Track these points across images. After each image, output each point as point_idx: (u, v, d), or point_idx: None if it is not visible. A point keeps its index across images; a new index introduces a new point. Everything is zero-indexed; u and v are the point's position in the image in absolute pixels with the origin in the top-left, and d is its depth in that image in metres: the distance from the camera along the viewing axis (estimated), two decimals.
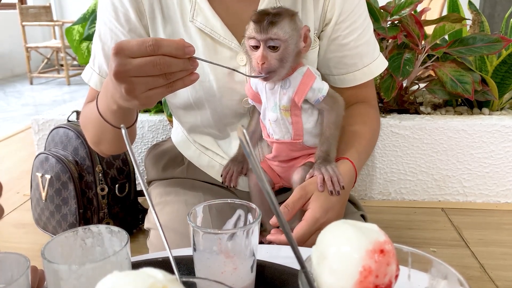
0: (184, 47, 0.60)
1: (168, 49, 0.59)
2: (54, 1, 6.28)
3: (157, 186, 0.98)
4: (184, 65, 0.62)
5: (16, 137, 3.09)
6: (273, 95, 0.76)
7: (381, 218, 1.81)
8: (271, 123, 0.79)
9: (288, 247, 0.63)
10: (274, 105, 0.76)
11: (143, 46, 0.59)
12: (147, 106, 0.67)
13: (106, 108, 0.75)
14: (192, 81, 0.64)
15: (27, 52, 5.31)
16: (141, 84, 0.62)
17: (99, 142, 0.86)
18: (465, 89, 1.77)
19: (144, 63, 0.60)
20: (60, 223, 1.58)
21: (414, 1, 1.81)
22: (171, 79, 0.62)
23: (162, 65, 0.60)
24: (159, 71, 0.60)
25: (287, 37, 0.71)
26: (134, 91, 0.62)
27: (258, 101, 0.80)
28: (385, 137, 1.89)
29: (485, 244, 1.60)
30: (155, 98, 0.65)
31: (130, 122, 0.81)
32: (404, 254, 0.40)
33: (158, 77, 0.61)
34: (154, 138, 1.96)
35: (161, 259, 0.57)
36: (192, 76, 0.64)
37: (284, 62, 0.72)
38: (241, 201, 0.54)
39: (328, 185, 0.73)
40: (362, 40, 0.86)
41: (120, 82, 0.62)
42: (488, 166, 1.87)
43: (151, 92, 0.63)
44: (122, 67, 0.60)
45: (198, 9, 0.80)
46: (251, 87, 0.80)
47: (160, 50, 0.59)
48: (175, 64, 0.61)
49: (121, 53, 0.60)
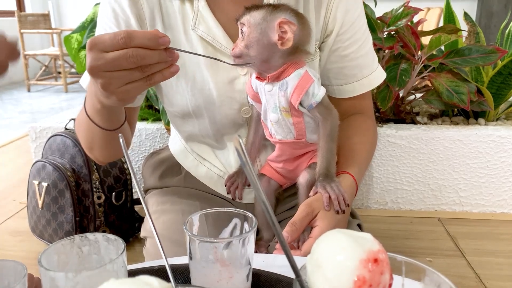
0: (157, 38, 0.58)
1: (140, 40, 0.58)
2: (53, 9, 6.31)
3: (154, 194, 0.98)
4: (160, 57, 0.60)
5: (13, 145, 3.09)
6: (272, 96, 0.76)
7: (378, 227, 1.81)
8: (273, 124, 0.78)
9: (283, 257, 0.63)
10: (274, 106, 0.76)
11: (115, 39, 0.58)
12: (126, 101, 0.66)
13: (92, 108, 0.75)
14: (172, 74, 0.62)
15: (25, 60, 5.31)
16: (116, 79, 0.60)
17: (91, 147, 0.86)
18: (461, 99, 1.78)
19: (117, 56, 0.58)
20: (57, 231, 1.58)
21: (410, 12, 1.83)
22: (148, 72, 0.60)
23: (135, 57, 0.58)
24: (133, 64, 0.59)
25: (252, 23, 0.71)
26: (110, 86, 0.61)
27: (258, 101, 0.80)
28: (381, 147, 1.89)
29: (481, 254, 1.60)
30: (134, 93, 0.63)
31: (117, 122, 0.79)
32: (398, 263, 0.40)
33: (134, 71, 0.60)
34: (151, 146, 1.97)
35: (157, 268, 0.57)
36: (172, 68, 0.62)
37: (249, 49, 0.71)
38: (237, 210, 0.55)
39: (335, 205, 0.73)
40: (362, 52, 0.88)
41: (95, 78, 0.61)
42: (484, 176, 1.88)
43: (129, 86, 0.61)
44: (96, 61, 0.59)
45: (200, 18, 0.81)
46: (251, 87, 0.79)
47: (132, 42, 0.58)
48: (149, 56, 0.59)
49: (94, 48, 0.59)
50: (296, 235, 0.70)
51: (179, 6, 0.81)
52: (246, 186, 0.89)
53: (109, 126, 0.78)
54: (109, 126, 0.78)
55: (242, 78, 0.82)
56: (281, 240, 0.37)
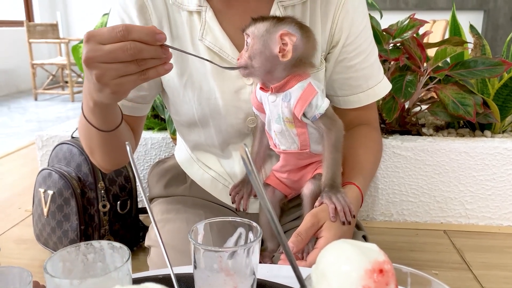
0: (154, 34, 0.60)
1: (138, 34, 0.59)
2: (61, 19, 6.38)
3: (159, 203, 0.98)
4: (156, 53, 0.61)
5: (19, 153, 3.10)
6: (276, 107, 0.76)
7: (383, 239, 1.80)
8: (277, 134, 0.78)
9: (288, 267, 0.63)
10: (278, 117, 0.76)
11: (114, 32, 0.59)
12: (119, 95, 0.66)
13: (87, 108, 0.75)
14: (166, 71, 0.64)
15: (32, 69, 5.37)
16: (111, 70, 0.61)
17: (91, 151, 0.86)
18: (467, 111, 1.78)
19: (114, 48, 0.59)
20: (61, 239, 1.58)
21: (416, 24, 1.83)
22: (144, 66, 0.62)
23: (132, 50, 0.59)
24: (130, 56, 0.60)
25: (256, 34, 0.72)
26: (105, 78, 0.62)
27: (262, 111, 0.80)
28: (387, 158, 1.89)
29: (488, 268, 1.58)
30: (128, 86, 0.64)
31: (112, 123, 0.79)
32: (404, 274, 0.40)
33: (130, 64, 0.61)
34: (157, 155, 1.97)
35: (161, 276, 0.57)
36: (166, 65, 0.63)
37: (252, 60, 0.72)
38: (242, 220, 0.55)
39: (341, 216, 0.73)
40: (368, 63, 0.88)
41: (90, 69, 0.62)
42: (491, 188, 1.87)
43: (123, 79, 0.62)
44: (92, 53, 0.60)
45: (207, 29, 0.82)
46: (255, 97, 0.80)
47: (130, 35, 0.59)
48: (146, 50, 0.60)
49: (92, 40, 0.60)
50: (301, 245, 0.70)
51: (187, 17, 0.82)
52: (251, 196, 0.89)
53: (105, 126, 0.77)
54: (105, 126, 0.77)
55: (248, 88, 0.83)
56: (286, 250, 0.37)
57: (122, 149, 0.84)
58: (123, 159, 0.90)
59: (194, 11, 0.82)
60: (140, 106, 0.88)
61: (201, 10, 0.81)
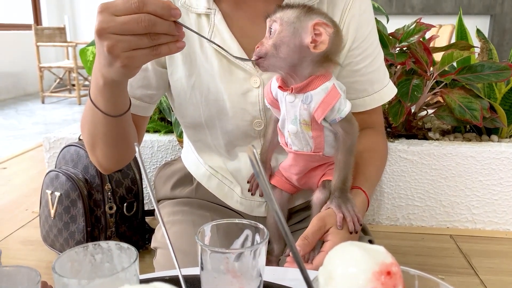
0: (170, 8, 0.59)
1: (153, 7, 0.58)
2: (68, 23, 6.43)
3: (165, 205, 0.99)
4: (170, 28, 0.60)
5: (27, 155, 3.12)
6: (293, 108, 0.72)
7: (389, 243, 1.79)
8: (290, 135, 0.76)
9: (294, 270, 0.63)
10: (294, 118, 0.73)
11: (128, 3, 0.58)
12: (130, 70, 0.65)
13: (95, 88, 0.73)
14: (178, 49, 0.63)
15: (40, 72, 5.40)
16: (124, 42, 0.60)
17: (94, 143, 0.82)
18: (474, 115, 1.77)
19: (128, 20, 0.58)
20: (68, 240, 1.58)
21: (422, 28, 1.83)
22: (156, 42, 0.60)
23: (146, 22, 0.58)
24: (143, 29, 0.59)
25: (285, 20, 0.67)
26: (116, 49, 0.60)
27: (276, 106, 0.77)
28: (393, 162, 1.88)
29: (495, 273, 1.57)
30: (139, 60, 0.63)
31: (121, 106, 0.76)
32: (411, 277, 0.40)
33: (143, 37, 0.60)
34: (163, 158, 1.98)
35: (168, 278, 0.57)
36: (179, 43, 0.62)
37: (277, 49, 0.68)
38: (248, 221, 0.55)
39: (350, 227, 0.72)
40: (373, 67, 0.88)
41: (102, 40, 0.60)
42: (498, 193, 1.86)
43: (135, 52, 0.61)
44: (105, 23, 0.59)
45: (216, 31, 0.82)
46: (270, 92, 0.76)
47: (145, 7, 0.58)
48: (160, 24, 0.59)
49: (106, 11, 0.59)
50: (308, 248, 0.70)
51: (195, 19, 0.83)
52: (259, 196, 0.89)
53: (112, 110, 0.74)
54: (112, 110, 0.74)
55: (255, 91, 0.83)
56: (294, 251, 0.37)
57: (125, 143, 0.82)
58: (125, 157, 0.88)
59: (202, 13, 0.82)
60: (146, 105, 0.88)
61: (210, 13, 0.82)
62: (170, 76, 0.85)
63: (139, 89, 0.85)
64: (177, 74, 0.85)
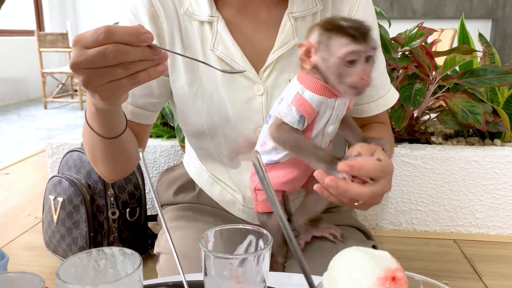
0: (138, 34, 0.55)
1: (121, 35, 0.55)
2: (71, 28, 6.45)
3: (168, 210, 0.98)
4: (144, 54, 0.57)
5: (30, 160, 3.13)
6: (338, 108, 0.76)
7: (392, 248, 1.79)
8: (326, 136, 0.77)
9: (298, 275, 0.63)
10: (336, 117, 0.76)
11: (96, 34, 0.55)
12: (112, 101, 0.63)
13: (89, 113, 0.73)
14: (159, 73, 0.59)
15: (42, 77, 5.42)
16: (97, 76, 0.57)
17: (94, 159, 0.84)
18: (477, 119, 1.77)
19: (96, 52, 0.55)
20: (71, 246, 1.58)
21: (424, 33, 1.83)
22: (132, 70, 0.57)
23: (114, 53, 0.55)
24: (113, 60, 0.55)
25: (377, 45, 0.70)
26: (92, 84, 0.58)
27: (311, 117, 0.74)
28: (396, 166, 1.88)
29: (500, 278, 1.57)
30: (118, 92, 0.61)
31: (115, 130, 0.75)
32: (416, 282, 0.40)
33: (116, 68, 0.56)
34: (165, 163, 1.98)
35: (171, 284, 0.57)
36: (159, 67, 0.59)
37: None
38: (252, 227, 0.55)
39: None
40: (377, 73, 0.88)
41: (78, 75, 0.58)
42: (501, 197, 1.85)
43: (111, 84, 0.58)
44: (77, 58, 0.56)
45: (219, 39, 0.82)
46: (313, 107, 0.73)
47: (112, 37, 0.55)
48: (131, 52, 0.56)
49: (77, 44, 0.57)
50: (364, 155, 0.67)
51: (197, 27, 0.83)
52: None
53: (107, 133, 0.75)
54: (107, 133, 0.75)
55: (258, 99, 0.83)
56: (298, 257, 0.37)
57: (125, 158, 0.84)
58: (126, 169, 0.89)
59: (205, 21, 0.82)
60: (149, 114, 0.88)
61: (213, 20, 0.82)
62: (172, 84, 0.85)
63: (142, 97, 0.85)
64: (179, 82, 0.84)
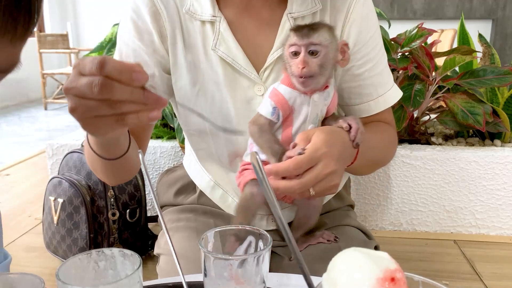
0: (131, 71, 0.49)
1: (110, 69, 0.49)
2: (71, 30, 6.45)
3: (169, 212, 0.98)
4: (133, 95, 0.51)
5: (30, 161, 3.13)
6: (316, 107, 0.77)
7: (392, 249, 1.79)
8: None
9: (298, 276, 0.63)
10: (316, 116, 0.78)
11: (93, 62, 0.50)
12: (94, 134, 0.60)
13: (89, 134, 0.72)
14: (150, 119, 0.53)
15: (43, 79, 5.43)
16: (83, 106, 0.52)
17: (95, 171, 0.84)
18: (477, 120, 1.77)
19: (85, 82, 0.50)
20: (71, 247, 1.58)
21: (424, 33, 1.83)
22: (119, 110, 0.52)
23: (100, 86, 0.49)
24: (99, 94, 0.50)
25: (327, 43, 0.74)
26: (77, 112, 0.54)
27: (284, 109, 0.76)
28: (396, 167, 1.88)
29: (500, 278, 1.57)
30: (102, 129, 0.56)
31: (116, 152, 0.73)
32: (415, 283, 0.40)
33: (102, 103, 0.51)
34: (166, 164, 1.98)
35: (171, 285, 0.57)
36: (152, 113, 0.52)
37: (324, 69, 0.74)
38: (252, 228, 0.55)
39: (352, 136, 0.74)
40: (376, 71, 0.88)
41: (67, 99, 0.54)
42: (501, 198, 1.85)
43: (97, 120, 0.54)
44: (70, 83, 0.52)
45: (221, 39, 0.82)
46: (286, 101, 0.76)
47: (103, 70, 0.49)
48: (120, 90, 0.50)
49: (76, 68, 0.53)
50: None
51: (199, 27, 0.83)
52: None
53: (107, 155, 0.74)
54: (107, 155, 0.74)
55: (258, 99, 0.83)
56: (298, 258, 0.37)
57: (126, 172, 0.85)
58: (127, 178, 0.90)
59: (207, 21, 0.82)
60: None
61: (215, 20, 0.82)
62: (174, 84, 0.85)
63: None
64: (181, 82, 0.85)
